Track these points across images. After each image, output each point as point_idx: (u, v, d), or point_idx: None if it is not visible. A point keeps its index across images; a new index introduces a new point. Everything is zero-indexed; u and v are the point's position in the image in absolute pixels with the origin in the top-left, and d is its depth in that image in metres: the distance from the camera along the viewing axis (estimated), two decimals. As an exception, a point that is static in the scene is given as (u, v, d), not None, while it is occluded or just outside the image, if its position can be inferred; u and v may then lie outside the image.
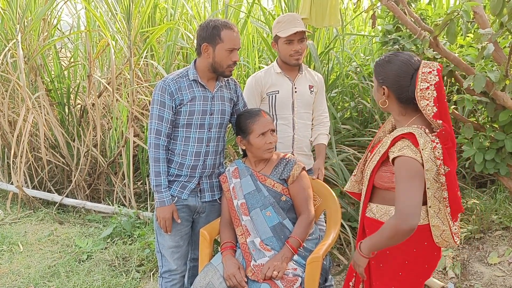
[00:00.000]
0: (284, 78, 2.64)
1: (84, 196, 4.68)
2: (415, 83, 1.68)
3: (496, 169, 2.90)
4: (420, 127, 1.70)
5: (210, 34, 2.22)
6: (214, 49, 2.23)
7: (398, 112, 1.79)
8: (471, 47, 3.02)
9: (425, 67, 1.69)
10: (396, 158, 1.65)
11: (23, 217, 4.35)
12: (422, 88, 1.66)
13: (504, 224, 3.29)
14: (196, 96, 2.28)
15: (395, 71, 1.72)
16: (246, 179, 2.33)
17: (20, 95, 4.85)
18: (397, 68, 1.72)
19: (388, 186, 1.75)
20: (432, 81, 1.66)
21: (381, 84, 1.77)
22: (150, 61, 4.72)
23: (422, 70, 1.68)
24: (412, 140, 1.66)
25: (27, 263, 3.47)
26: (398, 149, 1.65)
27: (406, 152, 1.63)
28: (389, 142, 1.70)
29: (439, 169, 1.66)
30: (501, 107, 2.73)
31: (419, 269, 1.76)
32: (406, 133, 1.68)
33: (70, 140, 4.85)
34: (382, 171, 1.76)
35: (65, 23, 5.85)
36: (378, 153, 1.77)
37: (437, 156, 1.65)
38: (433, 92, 1.66)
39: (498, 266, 2.99)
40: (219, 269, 2.20)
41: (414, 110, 1.76)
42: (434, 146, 1.65)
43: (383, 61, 1.78)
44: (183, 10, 5.13)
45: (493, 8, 2.15)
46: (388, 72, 1.74)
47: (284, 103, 2.63)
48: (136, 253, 3.44)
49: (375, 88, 1.84)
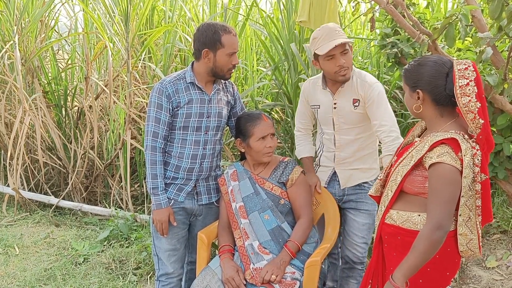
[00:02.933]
0: (326, 92, 2.39)
1: (80, 199, 4.65)
2: (452, 81, 1.61)
3: (494, 172, 2.90)
4: (459, 133, 1.63)
5: (210, 39, 2.21)
6: (215, 54, 2.23)
7: (435, 115, 1.71)
8: (469, 51, 3.03)
9: (459, 64, 1.62)
10: (434, 164, 1.58)
11: (19, 220, 4.32)
12: (461, 85, 1.59)
13: (502, 227, 3.29)
14: (193, 98, 2.28)
15: (429, 72, 1.66)
16: (245, 182, 2.32)
17: (17, 97, 4.83)
18: (430, 69, 1.66)
19: (418, 191, 1.68)
20: (471, 76, 1.59)
21: (414, 88, 1.70)
22: (147, 63, 4.71)
23: (457, 67, 1.61)
24: (453, 146, 1.59)
25: (23, 266, 3.44)
26: (437, 155, 1.58)
27: (446, 159, 1.57)
28: (427, 147, 1.62)
29: (476, 176, 1.61)
30: (499, 110, 2.73)
31: (440, 276, 1.72)
32: (447, 139, 1.60)
33: (67, 142, 4.83)
34: (413, 175, 1.68)
35: (62, 24, 5.84)
36: (410, 157, 1.69)
37: (476, 163, 1.60)
38: (473, 87, 1.58)
39: (496, 270, 2.99)
40: (217, 273, 2.19)
41: (450, 114, 1.70)
42: (475, 153, 1.60)
43: (413, 66, 1.72)
44: (181, 13, 5.13)
45: (492, 12, 2.15)
46: (420, 74, 1.68)
47: (325, 119, 2.42)
48: (133, 256, 3.42)
49: (407, 95, 1.77)
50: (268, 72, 3.99)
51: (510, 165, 2.89)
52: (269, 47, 4.06)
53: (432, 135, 1.66)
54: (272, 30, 3.90)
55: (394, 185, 1.73)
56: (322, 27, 2.34)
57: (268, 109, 3.93)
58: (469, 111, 1.59)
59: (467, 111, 1.59)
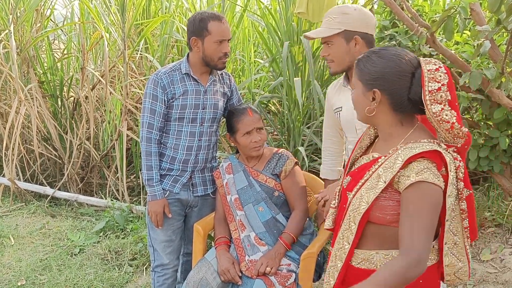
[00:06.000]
0: (347, 90, 2.02)
1: (76, 190, 4.64)
2: (419, 84, 1.31)
3: (490, 166, 2.91)
4: (437, 143, 1.33)
5: (197, 27, 2.19)
6: (203, 42, 2.20)
7: (392, 122, 1.38)
8: (468, 44, 3.02)
9: (428, 63, 1.31)
10: (413, 184, 1.26)
11: (15, 210, 4.31)
12: (431, 90, 1.28)
13: (497, 221, 3.31)
14: (188, 90, 2.26)
15: (391, 69, 1.32)
16: (239, 174, 2.32)
17: (12, 86, 4.80)
18: (393, 65, 1.32)
19: (391, 219, 1.33)
20: (443, 79, 1.29)
21: (370, 86, 1.36)
22: (144, 54, 4.68)
23: (426, 67, 1.30)
24: (434, 160, 1.29)
25: (18, 256, 3.44)
26: (416, 172, 1.26)
27: (428, 177, 1.26)
28: (400, 163, 1.28)
29: (460, 193, 1.34)
30: (496, 104, 2.74)
31: None
32: (427, 151, 1.28)
33: (62, 132, 4.81)
34: (382, 200, 1.33)
35: (58, 13, 5.79)
36: (377, 178, 1.33)
37: (460, 177, 1.33)
38: (446, 93, 1.29)
39: (491, 263, 3.01)
40: (213, 264, 2.19)
41: (410, 120, 1.39)
42: (458, 166, 1.33)
43: (371, 58, 1.37)
44: (178, 3, 5.09)
45: (491, 5, 2.14)
46: (380, 70, 1.33)
47: (349, 123, 2.02)
48: (129, 247, 3.42)
49: (358, 93, 1.41)
50: (266, 63, 3.97)
51: (505, 159, 2.90)
52: (267, 39, 4.04)
53: (401, 148, 1.32)
54: (270, 22, 3.87)
55: (357, 215, 1.35)
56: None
57: (265, 101, 3.92)
58: (442, 121, 1.30)
59: (439, 121, 1.31)
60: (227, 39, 2.22)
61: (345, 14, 1.92)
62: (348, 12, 1.93)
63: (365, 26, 1.94)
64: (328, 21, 1.96)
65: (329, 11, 2.00)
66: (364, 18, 1.94)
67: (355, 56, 1.86)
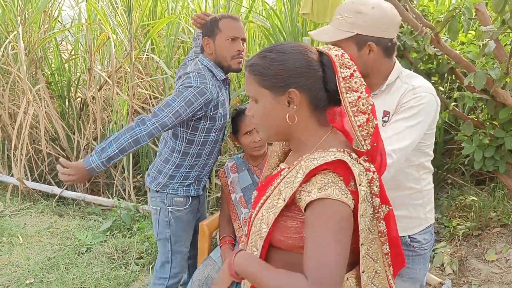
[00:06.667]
0: None
1: (83, 189, 4.68)
2: (332, 72, 1.11)
3: (495, 166, 2.90)
4: (343, 151, 1.10)
5: (209, 27, 2.14)
6: (214, 41, 2.11)
7: (310, 126, 1.16)
8: (472, 44, 3.02)
9: (330, 49, 1.13)
10: (313, 202, 1.04)
11: (23, 209, 4.36)
12: (345, 76, 1.09)
13: (502, 221, 3.30)
14: (225, 98, 2.19)
15: (301, 61, 1.11)
16: (244, 173, 2.34)
17: (20, 87, 4.85)
18: (299, 56, 1.11)
19: (293, 244, 1.10)
20: (353, 65, 1.11)
21: (283, 88, 1.12)
22: (151, 55, 4.72)
23: (333, 53, 1.11)
24: (340, 173, 1.06)
25: (27, 255, 3.48)
26: (319, 188, 1.04)
27: (332, 193, 1.03)
28: (301, 177, 1.06)
29: (377, 211, 1.11)
30: (501, 104, 2.73)
31: None
32: (330, 162, 1.05)
33: (70, 133, 4.86)
34: (284, 220, 1.11)
35: (66, 15, 5.84)
36: (277, 194, 1.11)
37: (375, 192, 1.10)
38: (360, 80, 1.11)
39: (496, 263, 3.01)
40: (217, 263, 2.21)
41: (326, 122, 1.18)
42: (371, 178, 1.09)
43: (270, 57, 1.13)
44: (184, 4, 5.12)
45: (495, 5, 2.14)
46: (290, 65, 1.11)
47: None
48: (135, 246, 3.45)
49: (266, 104, 1.14)
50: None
51: (511, 159, 2.90)
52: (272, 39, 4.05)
53: (305, 158, 1.10)
54: (275, 23, 3.89)
55: (259, 239, 1.13)
56: None
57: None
58: (359, 112, 1.09)
59: (356, 112, 1.09)
60: (240, 38, 2.09)
61: (359, 13, 1.57)
62: (364, 11, 1.57)
63: (384, 29, 1.59)
64: (338, 20, 1.61)
65: (341, 6, 1.64)
66: (383, 19, 1.58)
67: (367, 65, 1.59)
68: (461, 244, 3.25)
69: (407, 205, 1.67)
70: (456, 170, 4.09)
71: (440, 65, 3.00)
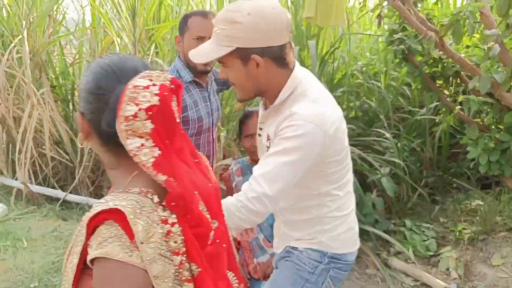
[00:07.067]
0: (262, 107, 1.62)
1: (87, 193, 4.68)
2: (115, 106, 0.88)
3: (501, 170, 2.89)
4: (144, 192, 0.89)
5: (180, 24, 2.04)
6: (183, 39, 1.99)
7: (109, 160, 0.97)
8: (477, 48, 3.01)
9: (143, 77, 0.89)
10: (94, 260, 0.84)
11: (27, 213, 4.36)
12: (128, 116, 0.87)
13: (508, 225, 3.28)
14: (197, 100, 2.09)
15: (91, 84, 0.93)
16: (248, 176, 2.33)
17: (25, 91, 4.87)
18: (93, 79, 0.93)
19: None
20: (145, 103, 0.86)
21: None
22: (155, 58, 4.73)
23: (134, 83, 0.88)
24: (123, 224, 0.83)
25: (31, 259, 3.48)
26: (98, 243, 0.83)
27: (112, 251, 0.82)
28: (85, 229, 0.87)
29: (179, 272, 0.88)
30: (507, 108, 2.72)
31: None
32: (108, 210, 0.84)
33: (74, 137, 4.87)
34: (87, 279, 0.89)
35: (70, 18, 5.87)
36: (75, 247, 0.93)
37: (173, 248, 0.87)
38: (144, 123, 0.87)
39: (501, 268, 2.99)
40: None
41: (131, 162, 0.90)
42: (168, 232, 0.87)
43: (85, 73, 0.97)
44: (189, 7, 5.13)
45: (499, 9, 2.14)
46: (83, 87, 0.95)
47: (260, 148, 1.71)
48: (139, 250, 3.45)
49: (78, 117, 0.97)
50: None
51: (517, 163, 2.89)
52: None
53: (99, 203, 0.88)
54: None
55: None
56: None
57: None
58: (141, 165, 0.88)
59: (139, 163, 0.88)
60: (207, 37, 1.64)
61: (234, 23, 1.32)
62: (238, 19, 1.32)
63: (267, 37, 1.34)
64: (216, 33, 1.38)
65: (217, 16, 1.41)
66: (263, 26, 1.32)
67: (259, 82, 1.39)
68: (467, 248, 3.23)
69: (305, 229, 1.56)
70: (462, 174, 4.07)
71: (445, 68, 3.00)
